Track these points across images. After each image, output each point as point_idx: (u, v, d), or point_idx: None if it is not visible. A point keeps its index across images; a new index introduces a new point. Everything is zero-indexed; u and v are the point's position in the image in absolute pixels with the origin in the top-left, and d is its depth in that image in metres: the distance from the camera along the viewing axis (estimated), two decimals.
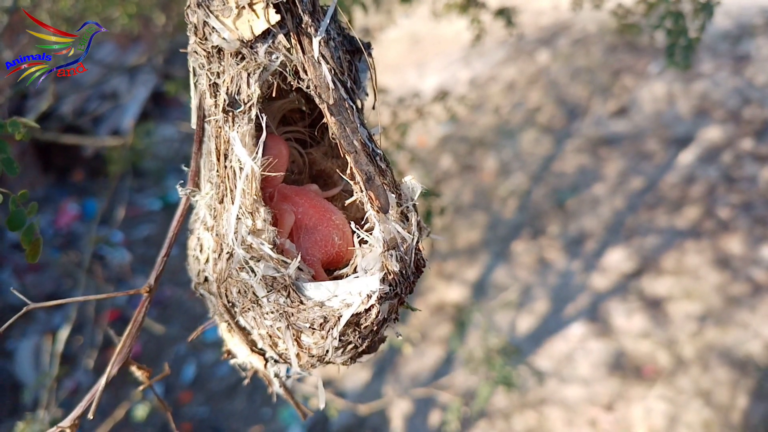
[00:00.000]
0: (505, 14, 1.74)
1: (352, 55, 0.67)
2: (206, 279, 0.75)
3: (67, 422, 0.67)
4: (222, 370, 3.32)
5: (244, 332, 0.72)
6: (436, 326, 3.27)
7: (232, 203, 0.64)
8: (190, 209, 0.77)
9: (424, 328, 3.27)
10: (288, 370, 0.74)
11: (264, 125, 0.63)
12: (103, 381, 0.68)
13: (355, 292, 0.62)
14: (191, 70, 0.66)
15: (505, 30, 1.79)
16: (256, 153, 0.63)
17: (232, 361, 0.79)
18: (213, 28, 0.60)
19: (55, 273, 4.01)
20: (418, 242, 0.66)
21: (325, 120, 0.63)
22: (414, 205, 0.67)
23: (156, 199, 4.70)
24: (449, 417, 2.22)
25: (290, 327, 0.64)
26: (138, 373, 0.75)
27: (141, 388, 0.76)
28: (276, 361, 0.73)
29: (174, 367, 3.35)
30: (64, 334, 2.02)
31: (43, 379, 2.00)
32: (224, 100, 0.62)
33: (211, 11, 0.59)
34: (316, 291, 0.63)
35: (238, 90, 0.62)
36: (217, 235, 0.68)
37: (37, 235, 0.66)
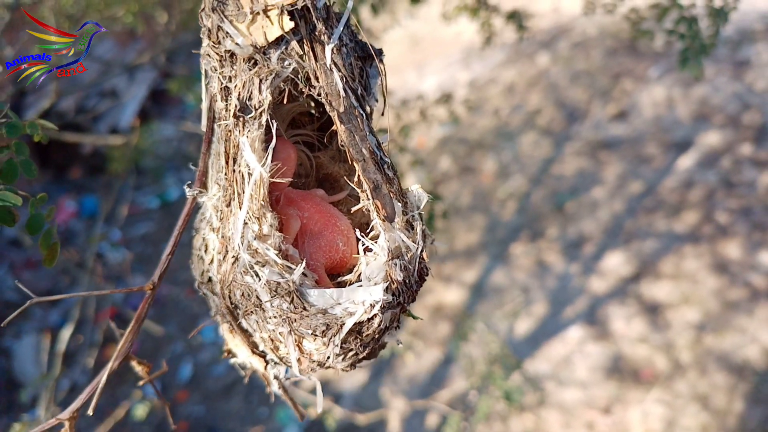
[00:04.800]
0: (516, 18, 1.73)
1: (363, 62, 0.67)
2: (210, 279, 0.75)
3: (66, 414, 0.67)
4: (218, 369, 3.31)
5: (246, 334, 0.72)
6: (435, 328, 3.27)
7: (240, 208, 0.64)
8: (195, 208, 0.77)
9: (422, 330, 3.27)
10: (287, 371, 0.74)
11: (274, 131, 0.63)
12: (105, 375, 0.68)
13: (358, 300, 0.62)
14: (203, 72, 0.66)
15: (517, 34, 1.79)
16: (265, 159, 0.63)
17: (232, 361, 0.79)
18: (227, 32, 0.59)
19: (53, 270, 3.99)
20: (422, 251, 0.66)
21: (334, 126, 0.63)
22: (419, 214, 0.67)
23: (154, 197, 4.69)
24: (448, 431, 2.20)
25: (292, 332, 0.64)
26: (138, 368, 0.75)
27: (141, 383, 0.76)
28: (276, 364, 0.73)
29: (171, 366, 3.34)
30: (66, 333, 2.00)
31: (44, 378, 1.99)
32: (235, 105, 0.62)
33: (225, 16, 0.59)
34: (320, 298, 0.63)
35: (250, 95, 0.62)
36: (222, 237, 0.69)
37: (55, 239, 0.66)
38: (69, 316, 2.42)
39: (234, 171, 0.65)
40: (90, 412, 0.67)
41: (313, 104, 0.81)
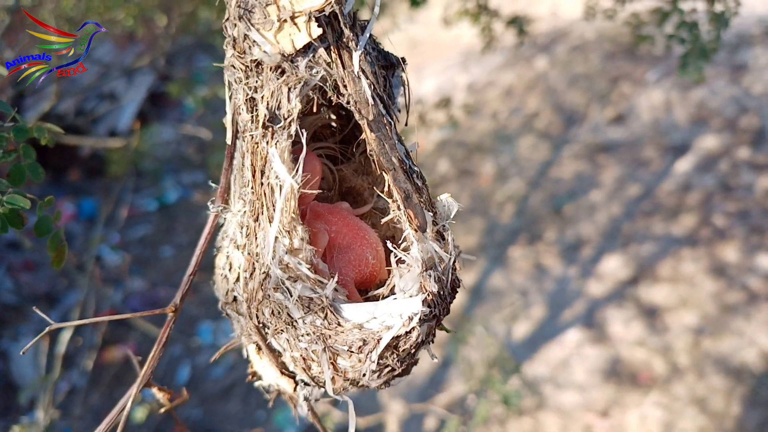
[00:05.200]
0: (517, 23, 1.74)
1: (386, 71, 0.66)
2: (235, 299, 0.72)
3: None
4: (216, 372, 3.31)
5: (275, 354, 0.70)
6: None
7: (269, 222, 0.62)
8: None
9: None
10: (314, 392, 0.72)
11: (304, 141, 0.61)
12: (129, 401, 0.66)
13: (395, 314, 0.60)
14: (226, 84, 0.64)
15: (517, 39, 1.80)
16: (296, 170, 0.61)
17: (257, 384, 0.76)
18: (254, 41, 0.58)
19: (50, 272, 3.99)
20: (454, 262, 0.65)
21: (363, 136, 0.62)
22: (450, 224, 0.66)
23: (152, 200, 4.69)
24: None
25: (327, 350, 0.62)
26: (159, 395, 0.73)
27: (162, 410, 0.74)
28: (306, 384, 0.71)
29: (168, 369, 3.34)
30: (66, 335, 2.00)
31: (44, 380, 1.99)
32: (264, 115, 0.60)
33: (252, 24, 0.58)
34: (355, 312, 0.61)
35: (278, 105, 0.60)
36: (248, 253, 0.66)
37: (63, 242, 0.66)
38: (68, 318, 2.42)
39: (262, 184, 0.63)
40: None
41: (333, 117, 0.80)
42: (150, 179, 4.83)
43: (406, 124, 0.69)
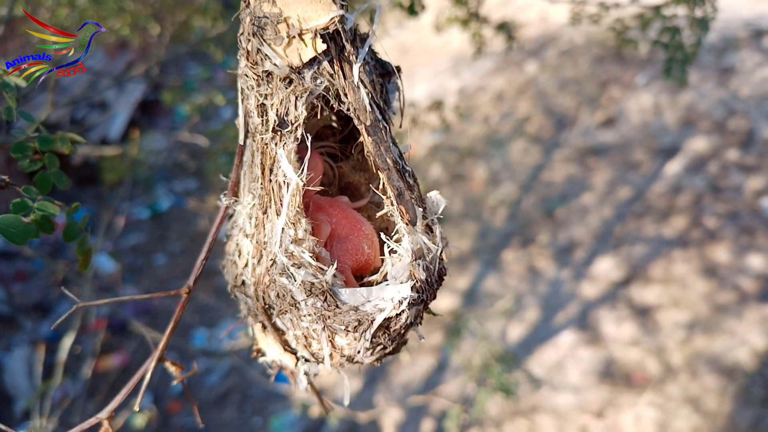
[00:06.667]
0: (505, 29, 1.77)
1: (383, 78, 0.73)
2: (243, 282, 0.79)
3: (104, 413, 0.70)
4: (211, 379, 3.30)
5: (279, 333, 0.77)
6: (428, 335, 3.28)
7: (278, 215, 0.69)
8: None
9: (414, 336, 3.28)
10: (313, 368, 0.79)
11: (309, 144, 0.68)
12: (149, 373, 0.72)
13: (387, 298, 0.67)
14: (239, 90, 0.71)
15: (506, 44, 1.83)
16: (301, 170, 0.68)
17: (261, 359, 0.83)
18: (266, 55, 0.65)
19: (43, 282, 3.97)
20: (441, 253, 0.71)
21: (360, 139, 0.69)
22: (438, 218, 0.72)
23: (144, 208, 4.68)
24: (449, 424, 2.24)
25: (326, 329, 0.69)
26: (172, 368, 0.80)
27: (174, 383, 0.80)
28: (306, 360, 0.78)
29: (163, 377, 3.33)
30: (67, 341, 2.00)
31: (45, 388, 1.98)
32: (274, 121, 0.67)
33: (264, 40, 0.64)
34: (351, 296, 0.68)
35: (287, 111, 0.67)
36: (257, 242, 0.73)
37: (89, 246, 0.69)
38: (62, 330, 2.41)
39: (270, 181, 0.70)
40: (136, 408, 0.72)
41: (334, 118, 0.87)
42: (142, 187, 4.82)
43: (400, 126, 0.76)
